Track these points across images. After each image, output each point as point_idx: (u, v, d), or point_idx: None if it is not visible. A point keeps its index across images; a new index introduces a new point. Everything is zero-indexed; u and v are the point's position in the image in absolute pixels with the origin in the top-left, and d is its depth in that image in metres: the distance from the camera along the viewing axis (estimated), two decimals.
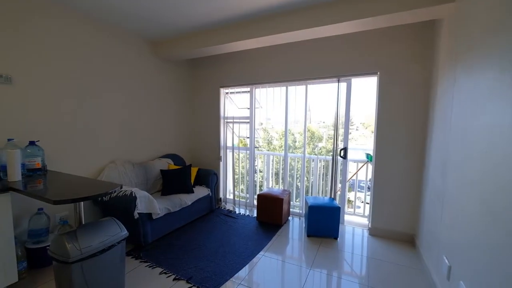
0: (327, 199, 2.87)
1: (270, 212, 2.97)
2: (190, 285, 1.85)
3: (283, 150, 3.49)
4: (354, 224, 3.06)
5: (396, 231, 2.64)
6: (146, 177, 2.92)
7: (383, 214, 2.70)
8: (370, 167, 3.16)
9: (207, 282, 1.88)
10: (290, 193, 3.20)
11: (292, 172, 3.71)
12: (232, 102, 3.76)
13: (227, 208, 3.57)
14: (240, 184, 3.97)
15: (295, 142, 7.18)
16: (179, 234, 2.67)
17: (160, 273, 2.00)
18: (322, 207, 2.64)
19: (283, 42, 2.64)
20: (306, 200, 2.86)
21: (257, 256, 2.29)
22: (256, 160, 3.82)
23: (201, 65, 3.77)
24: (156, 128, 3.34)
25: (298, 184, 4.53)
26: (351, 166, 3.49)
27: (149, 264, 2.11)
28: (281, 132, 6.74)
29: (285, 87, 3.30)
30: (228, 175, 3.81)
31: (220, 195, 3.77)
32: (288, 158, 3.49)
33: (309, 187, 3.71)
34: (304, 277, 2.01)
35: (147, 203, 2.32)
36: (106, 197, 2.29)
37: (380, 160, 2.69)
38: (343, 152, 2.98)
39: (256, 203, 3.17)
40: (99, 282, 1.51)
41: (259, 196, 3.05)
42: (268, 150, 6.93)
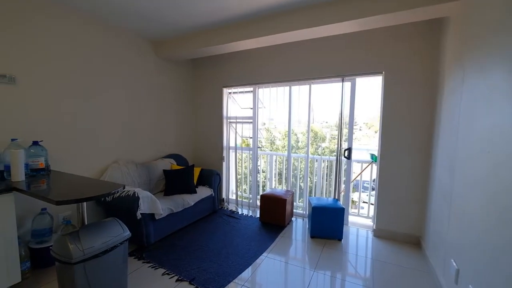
0: (331, 200, 2.84)
1: (273, 212, 2.94)
2: (193, 286, 1.84)
3: (286, 150, 3.47)
4: (358, 225, 3.03)
5: (401, 233, 2.60)
6: (149, 177, 2.91)
7: (387, 215, 2.67)
8: (375, 167, 3.12)
9: (210, 283, 1.87)
10: (293, 193, 3.18)
11: (295, 172, 3.68)
12: (235, 102, 3.75)
13: (230, 208, 3.55)
14: (242, 184, 3.95)
15: (298, 142, 7.15)
16: (182, 235, 2.66)
17: (162, 274, 1.99)
18: (326, 208, 2.61)
19: (285, 41, 2.62)
20: (309, 201, 2.84)
21: (260, 257, 2.27)
22: (259, 160, 3.80)
23: (203, 64, 3.76)
24: (159, 128, 3.34)
25: (301, 184, 4.50)
26: (355, 166, 3.45)
27: (151, 264, 2.11)
28: (284, 132, 6.71)
29: (288, 87, 3.27)
30: (230, 175, 3.80)
31: (223, 196, 3.76)
32: (291, 158, 3.46)
33: (312, 188, 3.68)
34: (308, 279, 1.98)
35: (150, 203, 2.31)
36: (109, 197, 2.29)
37: (384, 160, 2.65)
38: (347, 152, 2.95)
39: (259, 204, 3.16)
40: (101, 283, 1.50)
41: (262, 196, 3.03)
42: (271, 150, 6.91)
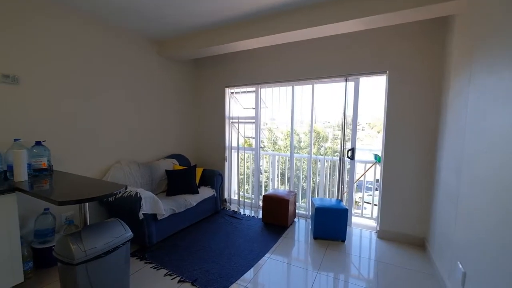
0: (334, 200, 2.81)
1: (276, 213, 2.93)
2: (195, 287, 1.83)
3: (288, 150, 3.45)
4: (362, 226, 3.00)
5: (405, 234, 2.57)
6: (151, 177, 2.91)
7: (391, 216, 2.64)
8: (378, 168, 3.09)
9: (213, 284, 1.86)
10: (296, 194, 3.15)
11: (297, 172, 3.65)
12: (237, 102, 3.73)
13: (232, 209, 3.54)
14: (245, 184, 3.94)
15: (300, 142, 7.11)
16: (184, 235, 2.65)
17: (164, 274, 1.98)
18: (329, 209, 2.59)
19: (287, 41, 2.60)
20: (312, 202, 2.81)
21: (262, 259, 2.25)
22: (261, 161, 3.78)
23: (206, 64, 3.75)
24: (161, 128, 3.33)
25: (304, 185, 4.47)
26: (358, 167, 3.42)
27: (154, 265, 2.10)
28: (286, 132, 6.67)
29: (291, 87, 3.25)
30: (233, 175, 3.79)
31: (225, 196, 3.75)
32: (294, 158, 3.44)
33: (315, 188, 3.66)
34: (311, 280, 1.96)
35: (152, 203, 2.30)
36: (111, 197, 2.28)
37: (388, 160, 2.62)
38: (350, 152, 2.92)
39: (261, 204, 3.14)
40: (103, 284, 1.49)
41: (264, 197, 3.01)
42: (273, 151, 6.88)
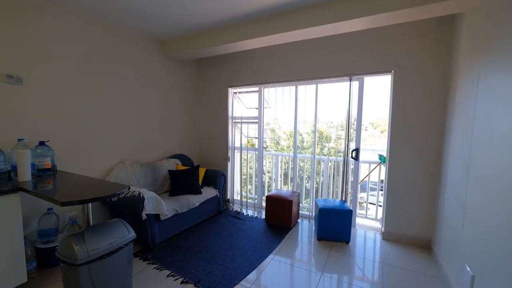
0: (338, 201, 2.78)
1: (279, 214, 2.90)
2: None
3: (291, 150, 3.43)
4: (366, 227, 2.97)
5: (410, 236, 2.53)
6: (154, 177, 2.91)
7: (397, 217, 2.60)
8: (383, 168, 3.05)
9: (216, 286, 1.84)
10: (299, 194, 3.13)
11: (301, 173, 3.63)
12: (240, 102, 3.72)
13: (235, 209, 3.52)
14: (247, 185, 3.92)
15: (303, 142, 7.08)
16: (187, 236, 2.64)
17: (167, 275, 1.97)
18: (333, 210, 2.56)
19: (291, 40, 2.58)
20: (316, 203, 2.79)
21: (266, 260, 2.23)
22: (264, 161, 3.76)
23: (209, 64, 3.74)
24: (164, 128, 3.33)
25: (307, 185, 4.44)
26: (361, 167, 3.38)
27: (156, 266, 2.09)
28: (288, 132, 6.66)
29: (294, 87, 3.23)
30: (235, 176, 3.77)
31: (228, 196, 3.73)
32: (297, 158, 3.42)
33: (318, 189, 3.63)
34: (315, 282, 1.94)
35: (155, 204, 2.30)
36: (114, 198, 2.28)
37: (393, 161, 2.59)
38: (354, 153, 2.89)
39: (264, 205, 3.12)
40: (106, 285, 1.49)
41: (268, 197, 2.99)
42: (275, 151, 6.86)
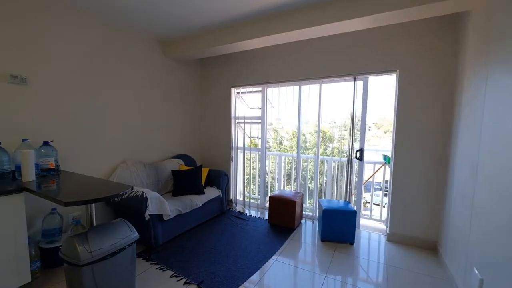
0: (342, 202, 2.75)
1: (283, 214, 2.89)
2: None
3: (294, 150, 3.41)
4: (371, 228, 2.93)
5: (415, 237, 2.50)
6: (157, 177, 2.91)
7: (402, 219, 2.57)
8: (388, 169, 3.02)
9: (219, 287, 1.83)
10: (302, 195, 3.11)
11: (304, 173, 3.60)
12: (243, 102, 3.71)
13: (238, 209, 3.51)
14: (250, 185, 3.91)
15: (306, 142, 7.05)
16: (190, 236, 2.64)
17: (170, 276, 1.96)
18: (337, 211, 2.53)
19: (294, 40, 2.55)
20: (320, 203, 2.76)
21: (269, 261, 2.22)
22: (267, 161, 3.74)
23: (212, 64, 3.74)
24: (167, 128, 3.33)
25: (310, 185, 4.42)
26: (365, 167, 3.35)
27: (159, 266, 2.08)
28: (291, 132, 6.62)
29: (298, 87, 3.21)
30: (238, 176, 3.76)
31: (231, 197, 3.72)
32: (301, 159, 3.39)
33: (321, 189, 3.60)
34: (319, 284, 1.92)
35: (158, 204, 2.29)
36: (117, 198, 2.28)
37: (398, 161, 2.55)
38: (359, 153, 2.86)
39: (267, 205, 3.10)
40: (109, 285, 1.48)
41: (271, 198, 2.98)
42: (278, 151, 6.83)
